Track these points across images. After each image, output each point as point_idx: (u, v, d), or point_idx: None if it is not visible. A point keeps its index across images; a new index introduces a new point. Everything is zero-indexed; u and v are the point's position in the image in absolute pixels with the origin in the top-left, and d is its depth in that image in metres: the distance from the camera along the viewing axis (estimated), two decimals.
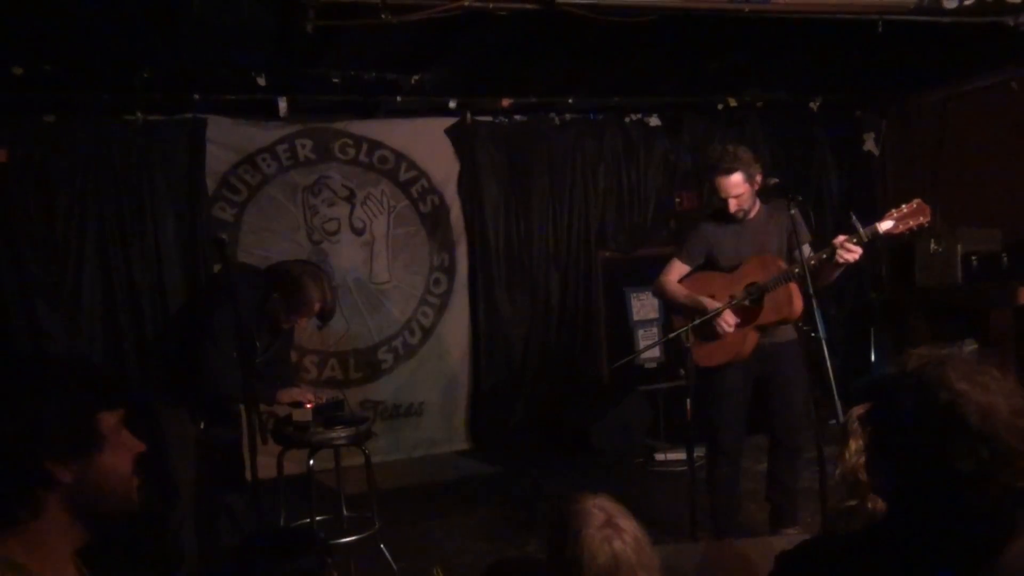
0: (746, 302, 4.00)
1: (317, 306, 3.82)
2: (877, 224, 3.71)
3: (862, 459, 2.04)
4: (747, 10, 4.08)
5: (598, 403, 6.57)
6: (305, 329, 6.07)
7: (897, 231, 3.71)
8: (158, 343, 4.48)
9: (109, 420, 1.49)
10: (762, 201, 4.15)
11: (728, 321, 4.01)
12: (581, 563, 1.77)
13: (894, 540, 1.48)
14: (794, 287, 3.91)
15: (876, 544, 1.52)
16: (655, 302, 6.54)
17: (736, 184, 3.97)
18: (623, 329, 6.71)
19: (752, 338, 4.04)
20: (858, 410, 2.16)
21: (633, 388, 6.42)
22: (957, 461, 1.36)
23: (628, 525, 1.82)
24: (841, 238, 3.73)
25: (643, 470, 5.98)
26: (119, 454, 1.50)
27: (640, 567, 1.79)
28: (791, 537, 3.71)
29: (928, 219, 3.70)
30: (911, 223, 3.69)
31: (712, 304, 4.02)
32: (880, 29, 4.40)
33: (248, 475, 3.69)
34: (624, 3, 3.96)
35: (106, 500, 1.48)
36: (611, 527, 1.80)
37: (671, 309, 4.34)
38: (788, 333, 4.12)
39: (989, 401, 1.39)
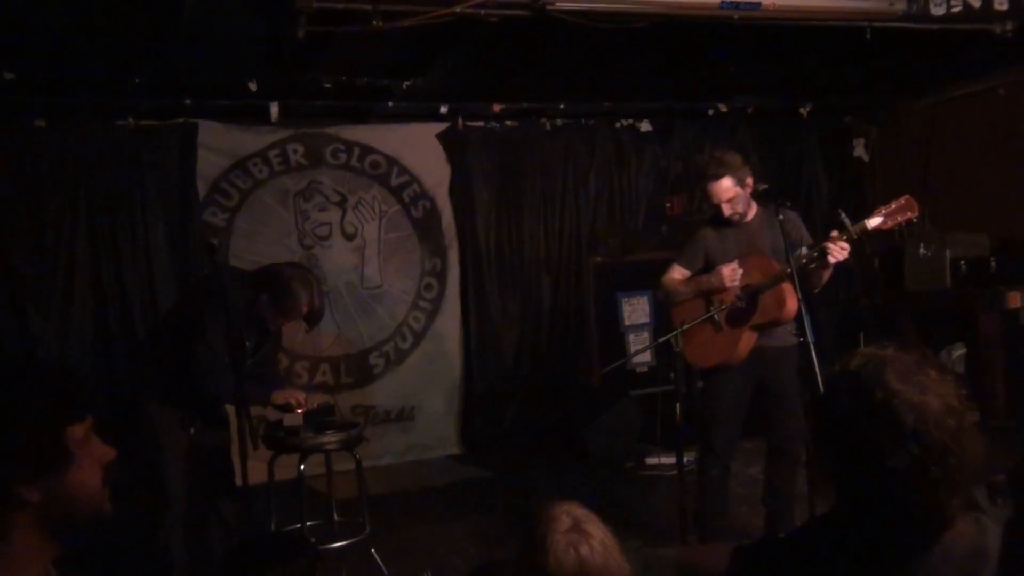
0: (740, 303, 4.01)
1: (304, 309, 3.82)
2: (866, 220, 3.72)
3: None
4: (736, 17, 4.11)
5: (589, 407, 6.57)
6: (296, 334, 6.09)
7: (886, 227, 3.72)
8: (149, 346, 4.48)
9: (77, 433, 1.45)
10: (759, 205, 4.16)
11: (731, 269, 4.03)
12: (547, 569, 1.75)
13: (836, 531, 1.55)
14: (787, 288, 3.92)
15: (821, 535, 1.59)
16: (646, 306, 6.55)
17: (726, 189, 3.99)
18: (614, 333, 6.71)
19: (747, 340, 4.04)
20: None
21: (624, 392, 6.42)
22: (889, 457, 1.43)
23: (596, 530, 1.80)
24: (833, 234, 3.74)
25: (634, 474, 5.98)
26: (88, 467, 1.46)
27: (607, 572, 1.77)
28: None
29: (916, 214, 3.72)
30: (899, 218, 3.70)
31: (710, 280, 4.06)
32: (868, 36, 4.44)
33: (239, 480, 3.69)
34: (615, 10, 3.98)
35: (76, 514, 1.45)
36: (577, 532, 1.77)
37: (671, 306, 4.33)
38: (788, 338, 4.09)
39: (923, 400, 1.45)
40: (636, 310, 6.75)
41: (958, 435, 1.45)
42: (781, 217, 3.74)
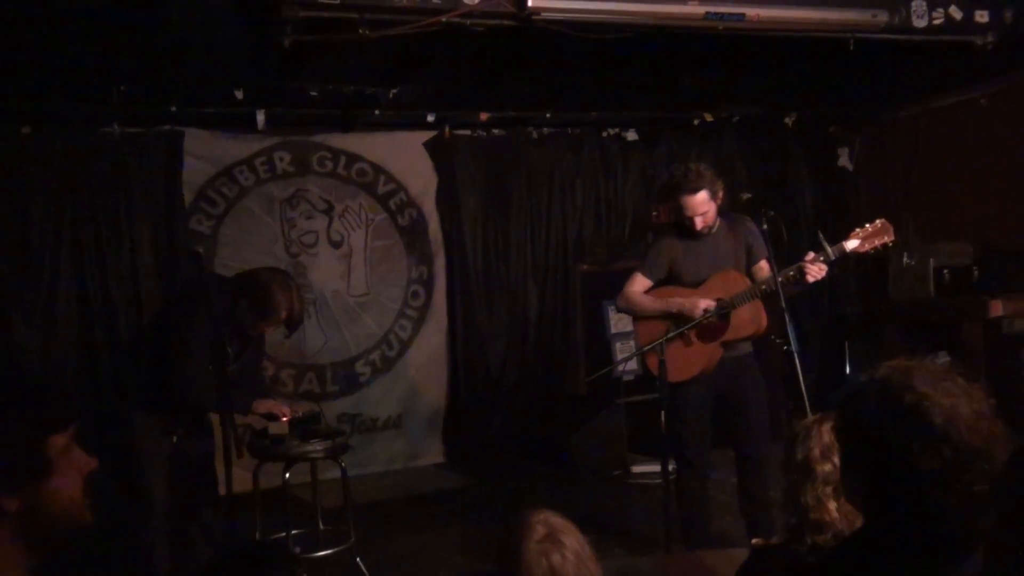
0: (713, 319, 4.04)
1: (284, 314, 3.80)
2: (844, 243, 3.82)
3: (828, 489, 2.05)
4: (721, 28, 4.14)
5: (576, 416, 6.58)
6: (283, 343, 6.09)
7: (863, 250, 3.81)
8: (132, 354, 4.47)
9: (58, 443, 1.45)
10: (720, 216, 4.19)
11: (708, 304, 4.04)
12: None
13: (868, 550, 1.51)
14: (760, 304, 3.99)
15: (852, 557, 1.55)
16: None
17: (702, 202, 4.01)
18: (601, 342, 6.72)
19: (716, 354, 4.10)
20: (816, 421, 2.19)
21: (610, 401, 6.43)
22: (921, 461, 1.40)
23: (570, 540, 1.79)
24: (810, 256, 3.80)
25: (620, 482, 5.99)
26: (68, 477, 1.46)
27: None
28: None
29: (892, 238, 3.80)
30: (876, 242, 3.80)
31: (682, 303, 4.06)
32: (851, 47, 4.48)
33: (223, 489, 3.67)
34: (600, 20, 4.00)
35: (56, 524, 1.45)
36: (551, 541, 1.77)
37: (636, 320, 4.35)
38: (744, 346, 4.19)
39: (952, 403, 1.43)
40: (622, 318, 6.74)
41: (990, 441, 1.43)
42: (765, 227, 3.78)
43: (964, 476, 1.41)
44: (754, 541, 2.34)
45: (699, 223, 4.04)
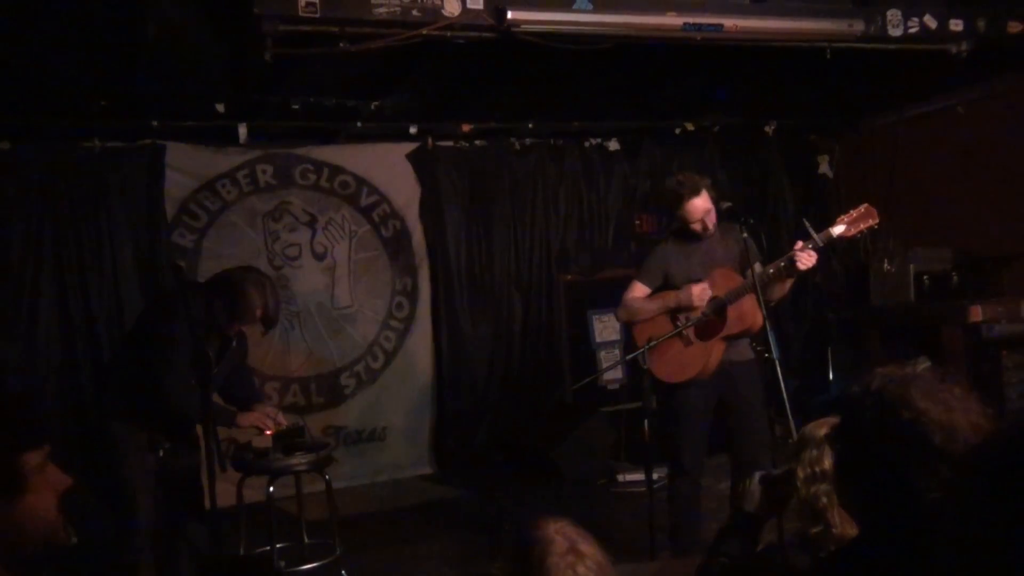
0: (709, 316, 4.06)
1: (259, 312, 3.77)
2: (830, 229, 3.86)
3: (821, 486, 2.07)
4: (699, 38, 4.18)
5: (561, 425, 6.58)
6: (266, 355, 6.08)
7: (849, 234, 3.85)
8: (114, 368, 4.43)
9: (32, 460, 1.46)
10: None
11: (702, 289, 4.06)
12: None
13: (862, 560, 1.50)
14: (754, 299, 4.01)
15: (845, 563, 1.54)
16: (616, 324, 6.57)
17: (705, 201, 4.05)
18: (585, 351, 6.75)
19: (717, 353, 4.08)
20: (816, 429, 2.20)
21: (596, 409, 6.45)
22: (918, 479, 1.38)
23: (590, 550, 1.81)
24: (798, 244, 3.83)
25: (606, 491, 6.00)
26: (42, 494, 1.47)
27: None
28: None
29: (876, 221, 3.85)
30: (861, 226, 3.84)
31: (678, 295, 4.07)
32: (828, 55, 4.53)
33: (207, 503, 3.65)
34: (579, 32, 4.03)
35: (29, 540, 1.45)
36: (574, 553, 1.79)
37: (635, 324, 4.35)
38: (747, 352, 4.20)
39: (951, 419, 1.41)
40: (607, 327, 6.79)
41: None
42: (745, 235, 3.82)
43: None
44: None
45: (702, 226, 4.08)
